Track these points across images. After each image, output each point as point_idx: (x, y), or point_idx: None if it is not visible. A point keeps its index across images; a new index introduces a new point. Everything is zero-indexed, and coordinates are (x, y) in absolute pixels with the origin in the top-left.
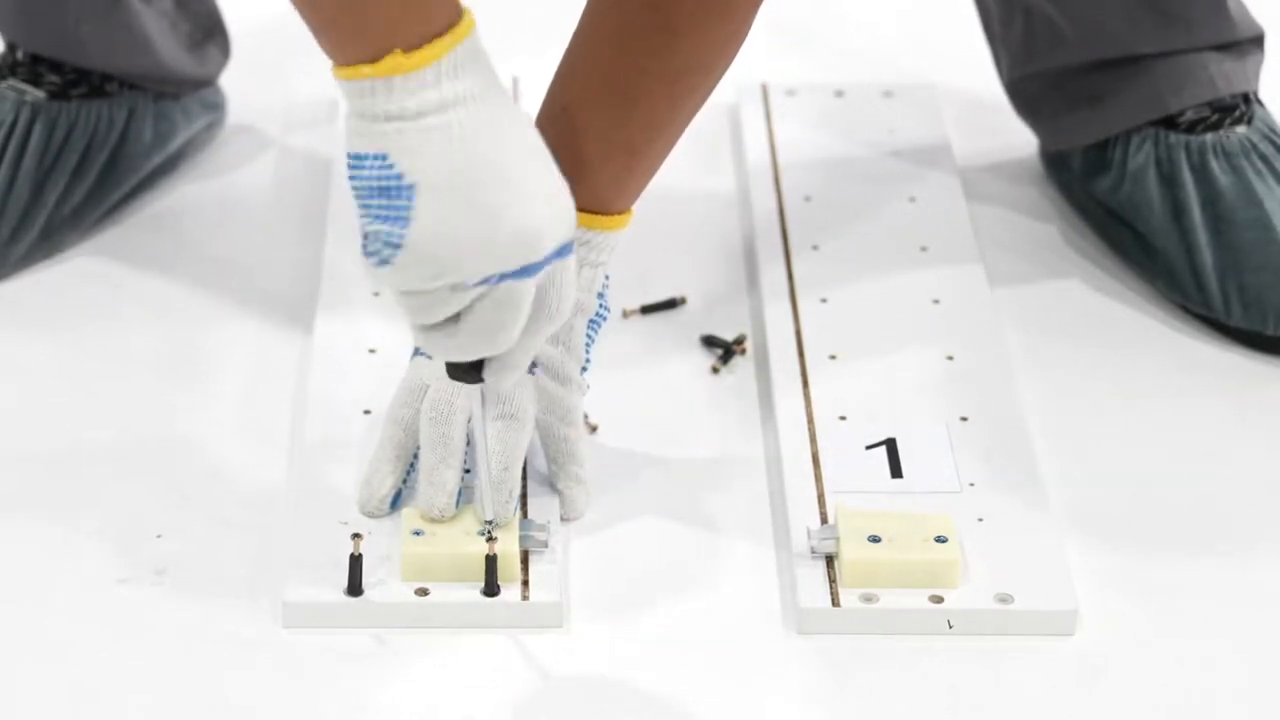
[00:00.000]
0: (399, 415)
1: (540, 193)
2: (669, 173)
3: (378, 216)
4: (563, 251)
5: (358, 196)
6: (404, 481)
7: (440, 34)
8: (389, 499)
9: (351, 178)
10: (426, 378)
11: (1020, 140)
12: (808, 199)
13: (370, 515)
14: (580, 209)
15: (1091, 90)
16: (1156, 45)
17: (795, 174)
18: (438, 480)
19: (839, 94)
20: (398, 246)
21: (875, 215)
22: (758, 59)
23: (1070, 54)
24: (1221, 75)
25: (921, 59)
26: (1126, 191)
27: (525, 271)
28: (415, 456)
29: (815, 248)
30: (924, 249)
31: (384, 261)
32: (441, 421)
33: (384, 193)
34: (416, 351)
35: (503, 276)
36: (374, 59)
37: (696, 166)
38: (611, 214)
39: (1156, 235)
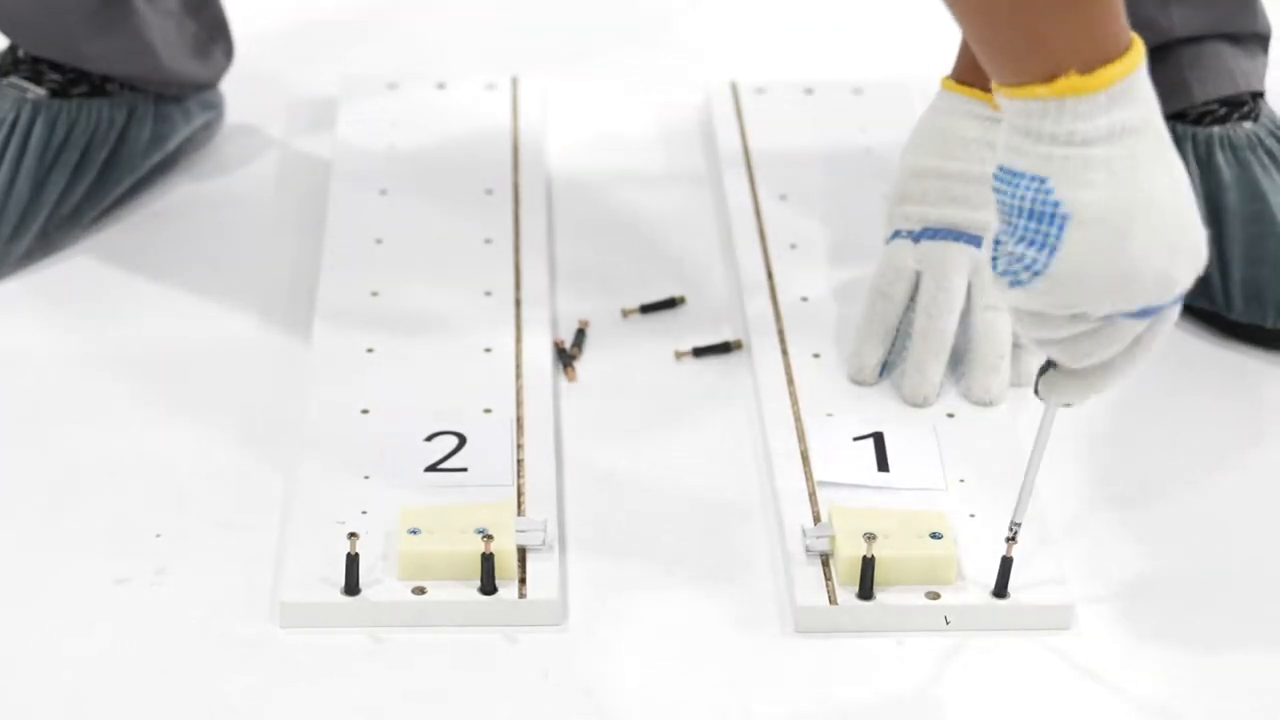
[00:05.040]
0: (887, 291)
1: (1183, 236)
2: (642, 173)
3: (1023, 239)
4: (1180, 297)
5: (1003, 211)
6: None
7: (1114, 58)
8: (878, 369)
9: (999, 191)
10: (913, 262)
11: None
12: (783, 197)
13: (860, 384)
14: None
15: None
16: (1185, 29)
17: (769, 173)
18: (928, 371)
19: (809, 91)
20: (1038, 273)
21: (851, 212)
22: (726, 57)
23: None
24: (1240, 71)
25: (889, 55)
26: None
27: (1145, 314)
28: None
29: (793, 246)
30: None
31: (1018, 283)
32: (938, 315)
33: (1035, 216)
34: (894, 235)
35: (1125, 314)
36: (1048, 79)
37: (670, 167)
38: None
39: None
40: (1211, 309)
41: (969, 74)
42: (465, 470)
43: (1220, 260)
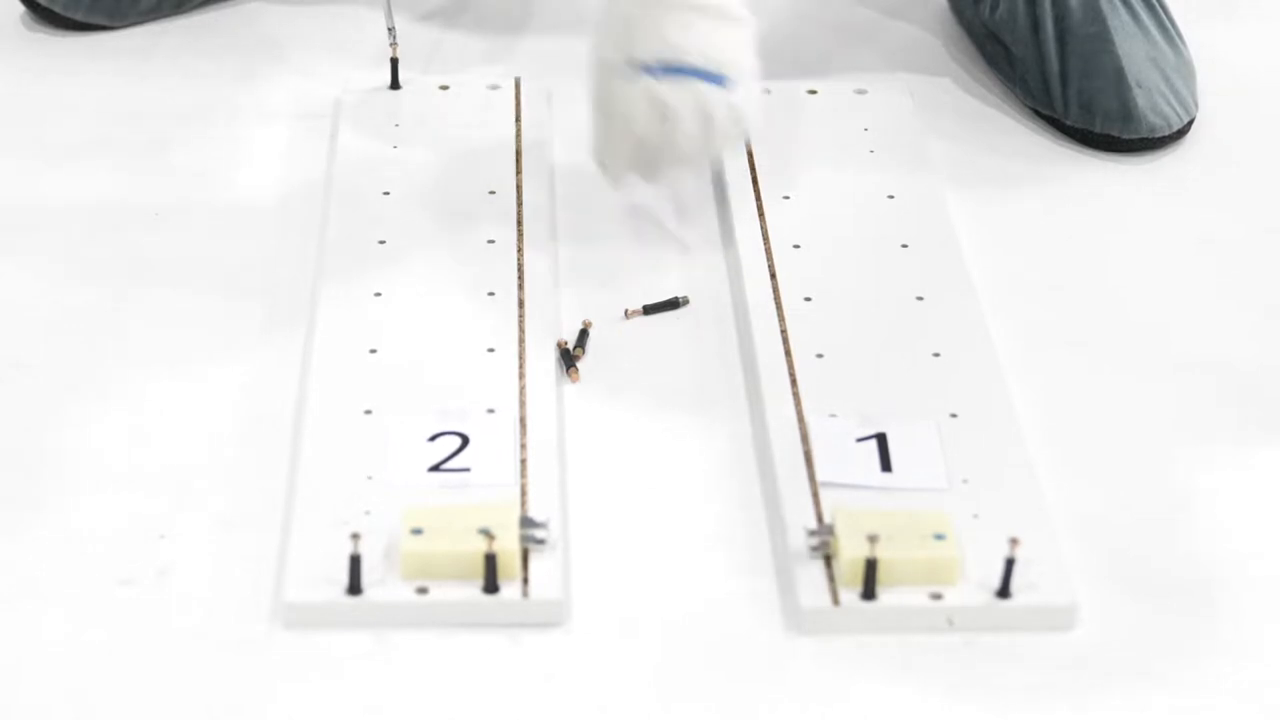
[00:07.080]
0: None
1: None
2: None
3: None
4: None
5: None
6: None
7: None
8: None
9: None
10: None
11: (994, 134)
12: (786, 198)
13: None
14: None
15: None
16: None
17: (772, 172)
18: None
19: (812, 92)
20: None
21: (855, 213)
22: None
23: None
24: None
25: (892, 57)
26: (1000, 11)
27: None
28: None
29: (796, 246)
30: (905, 246)
31: None
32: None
33: None
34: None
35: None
36: None
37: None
38: None
39: (1017, 46)
40: (1052, 115)
41: None
42: (468, 470)
43: (1062, 75)
